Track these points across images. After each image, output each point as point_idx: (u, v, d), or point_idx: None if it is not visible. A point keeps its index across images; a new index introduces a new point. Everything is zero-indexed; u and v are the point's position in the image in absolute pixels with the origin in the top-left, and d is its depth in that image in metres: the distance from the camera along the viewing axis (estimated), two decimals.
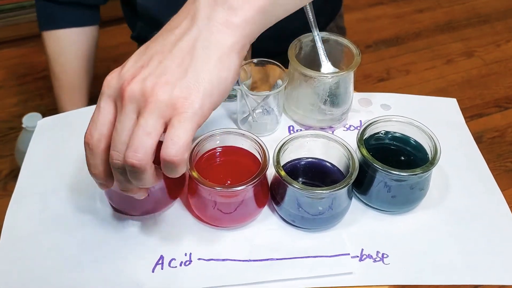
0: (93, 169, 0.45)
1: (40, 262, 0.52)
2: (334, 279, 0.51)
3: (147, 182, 0.42)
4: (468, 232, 0.56)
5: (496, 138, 1.55)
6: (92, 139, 0.43)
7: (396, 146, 0.58)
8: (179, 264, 0.51)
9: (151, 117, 0.40)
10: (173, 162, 0.40)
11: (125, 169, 0.41)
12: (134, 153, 0.40)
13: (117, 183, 0.44)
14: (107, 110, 0.43)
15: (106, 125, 0.43)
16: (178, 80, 0.40)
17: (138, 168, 0.40)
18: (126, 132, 0.41)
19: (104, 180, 0.45)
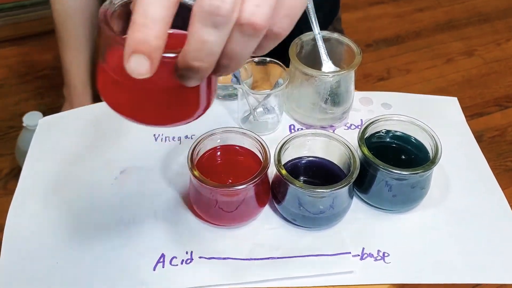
0: (208, 53, 0.30)
1: (42, 260, 0.52)
2: (335, 278, 0.51)
3: (249, 54, 0.32)
4: (468, 231, 0.56)
5: (496, 137, 1.54)
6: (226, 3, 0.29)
7: (397, 145, 0.58)
8: (180, 262, 0.51)
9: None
10: (257, 30, 0.30)
11: (224, 24, 0.29)
12: (257, 7, 0.29)
13: (198, 48, 0.30)
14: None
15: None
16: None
17: (256, 32, 0.30)
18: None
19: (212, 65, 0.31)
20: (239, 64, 0.32)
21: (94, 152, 0.63)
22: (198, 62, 0.30)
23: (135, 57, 0.29)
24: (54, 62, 1.75)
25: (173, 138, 0.65)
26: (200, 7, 0.28)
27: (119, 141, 0.64)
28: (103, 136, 0.65)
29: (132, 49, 0.29)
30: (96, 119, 0.67)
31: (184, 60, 0.30)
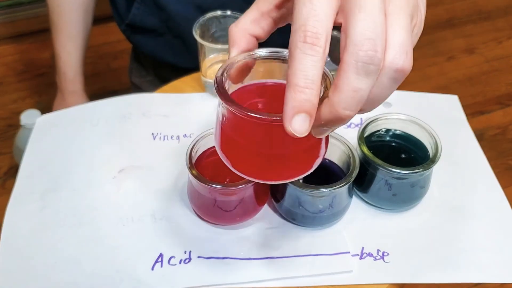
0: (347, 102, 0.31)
1: (40, 260, 0.52)
2: (334, 277, 0.50)
3: (386, 96, 0.33)
4: (468, 230, 0.55)
5: (497, 135, 1.54)
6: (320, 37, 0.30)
7: (397, 144, 0.58)
8: (179, 262, 0.51)
9: (409, 12, 0.32)
10: (405, 73, 0.32)
11: (375, 72, 0.30)
12: (406, 54, 0.31)
13: (351, 96, 0.30)
14: (329, 3, 0.31)
15: (334, 17, 0.31)
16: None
17: (404, 74, 0.32)
18: (383, 20, 0.30)
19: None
20: (374, 108, 0.33)
21: (92, 151, 0.63)
22: (348, 111, 0.30)
23: (299, 117, 0.30)
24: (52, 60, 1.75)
25: (171, 137, 0.64)
26: (354, 55, 0.29)
27: (118, 140, 0.64)
28: (101, 134, 0.65)
29: (296, 110, 0.30)
30: (95, 117, 0.67)
31: (333, 110, 0.30)
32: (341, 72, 0.30)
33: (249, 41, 0.37)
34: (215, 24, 0.69)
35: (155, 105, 0.68)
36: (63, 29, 0.91)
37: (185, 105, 0.68)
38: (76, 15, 0.91)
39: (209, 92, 0.70)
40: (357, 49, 0.30)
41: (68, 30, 0.91)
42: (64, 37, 0.92)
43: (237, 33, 0.37)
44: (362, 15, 0.30)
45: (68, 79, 0.93)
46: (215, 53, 0.69)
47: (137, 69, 0.98)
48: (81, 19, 0.92)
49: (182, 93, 0.70)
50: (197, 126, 0.65)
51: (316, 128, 0.32)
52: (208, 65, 0.70)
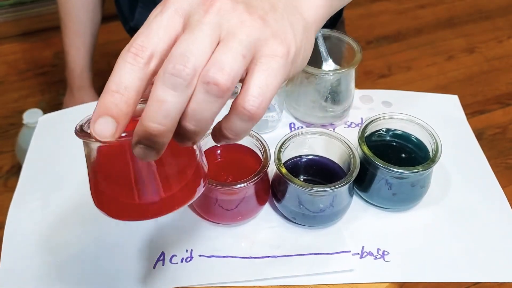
0: (164, 116, 0.30)
1: (42, 258, 0.52)
2: (334, 276, 0.51)
3: (212, 116, 0.32)
4: (468, 229, 0.56)
5: (497, 134, 1.54)
6: (187, 65, 0.30)
7: (397, 143, 0.58)
8: (180, 261, 0.51)
9: (247, 41, 0.32)
10: (253, 117, 0.32)
11: (185, 86, 0.30)
12: (221, 70, 0.30)
13: (156, 107, 0.30)
14: (171, 24, 0.32)
15: (169, 40, 0.32)
16: (275, 23, 0.34)
17: (220, 90, 0.30)
18: (207, 43, 0.31)
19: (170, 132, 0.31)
20: (202, 127, 0.31)
21: None
22: (155, 124, 0.30)
23: (103, 119, 0.29)
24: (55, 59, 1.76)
25: None
26: (163, 68, 0.30)
27: None
28: None
29: (101, 111, 0.30)
30: None
31: (141, 123, 0.30)
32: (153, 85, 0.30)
33: None
34: None
35: None
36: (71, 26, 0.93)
37: None
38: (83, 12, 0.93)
39: None
40: (167, 62, 0.30)
41: (75, 27, 0.93)
42: (72, 34, 0.93)
43: None
44: (186, 36, 0.31)
45: (76, 75, 0.95)
46: None
47: None
48: (89, 16, 0.94)
49: None
50: None
51: (135, 147, 0.31)
52: None
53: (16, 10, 1.82)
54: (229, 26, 0.32)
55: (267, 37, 0.33)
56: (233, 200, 0.52)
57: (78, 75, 0.95)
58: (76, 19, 0.93)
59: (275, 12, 0.35)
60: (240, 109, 0.31)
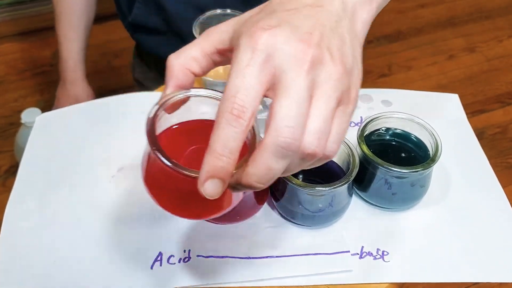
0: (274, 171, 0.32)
1: (40, 258, 0.52)
2: (333, 277, 0.50)
3: (297, 170, 0.35)
4: (468, 229, 0.55)
5: (497, 134, 1.54)
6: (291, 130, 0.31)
7: (397, 143, 0.58)
8: (178, 261, 0.51)
9: (335, 97, 0.33)
10: (329, 158, 0.34)
11: (291, 156, 0.32)
12: (319, 140, 0.32)
13: (263, 173, 0.33)
14: (265, 76, 0.32)
15: (262, 95, 0.33)
16: (348, 64, 0.34)
17: (315, 157, 0.33)
18: (306, 107, 0.32)
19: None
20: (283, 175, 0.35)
21: (91, 150, 0.63)
22: (259, 184, 0.33)
23: (212, 182, 0.32)
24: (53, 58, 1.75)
25: None
26: (274, 139, 0.31)
27: (117, 139, 0.64)
28: (100, 133, 0.65)
29: (210, 175, 0.32)
30: (94, 116, 0.67)
31: (246, 180, 0.33)
32: (260, 150, 0.32)
33: (187, 76, 0.38)
34: (215, 22, 0.69)
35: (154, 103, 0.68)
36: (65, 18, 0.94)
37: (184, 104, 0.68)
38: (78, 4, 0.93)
39: None
40: (277, 134, 0.31)
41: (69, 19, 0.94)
42: (66, 26, 0.94)
43: (176, 66, 0.37)
44: (287, 102, 0.31)
45: (69, 67, 0.95)
46: None
47: (140, 66, 0.98)
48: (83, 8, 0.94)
49: None
50: None
51: (231, 187, 0.34)
52: None
53: (15, 10, 1.82)
54: (319, 82, 0.33)
55: (348, 87, 0.34)
56: None
57: (71, 67, 0.95)
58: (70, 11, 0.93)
59: (346, 47, 0.35)
60: (322, 156, 0.33)
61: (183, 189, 0.38)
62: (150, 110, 0.38)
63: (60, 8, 0.94)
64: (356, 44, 0.37)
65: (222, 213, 0.41)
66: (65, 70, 0.95)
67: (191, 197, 0.38)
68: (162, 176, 0.39)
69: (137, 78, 1.00)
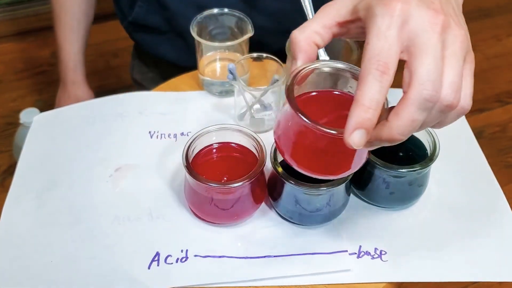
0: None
1: (37, 258, 0.52)
2: (331, 276, 0.50)
3: (433, 123, 0.40)
4: (466, 228, 0.55)
5: (497, 133, 1.54)
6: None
7: None
8: (175, 261, 0.51)
9: (462, 57, 0.38)
10: (467, 112, 0.40)
11: (432, 108, 0.37)
12: (456, 92, 0.37)
13: (408, 125, 0.37)
14: (401, 38, 0.37)
15: (399, 54, 0.37)
16: (464, 29, 0.39)
17: (452, 108, 0.38)
18: (442, 65, 0.37)
19: None
20: (421, 130, 0.39)
21: (89, 149, 0.62)
22: (402, 136, 0.37)
23: (359, 132, 0.35)
24: (52, 58, 1.75)
25: (168, 135, 0.64)
26: (418, 93, 0.35)
27: (114, 138, 0.64)
28: (98, 133, 0.64)
29: (357, 125, 0.35)
30: (92, 116, 0.67)
31: (390, 133, 0.36)
32: (404, 103, 0.36)
33: (312, 49, 0.42)
34: (213, 21, 0.69)
35: (152, 103, 0.68)
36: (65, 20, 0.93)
37: (182, 103, 0.68)
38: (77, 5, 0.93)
39: (206, 90, 0.70)
40: (421, 88, 0.35)
41: (69, 21, 0.94)
42: (66, 28, 0.93)
43: (302, 41, 0.41)
44: (427, 60, 0.36)
45: (69, 69, 0.95)
46: (212, 51, 0.69)
47: (139, 66, 0.98)
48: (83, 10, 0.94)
49: (179, 91, 0.70)
50: (194, 124, 0.65)
51: (369, 142, 0.37)
52: (205, 63, 0.70)
53: (13, 9, 1.81)
54: (448, 42, 0.37)
55: (469, 47, 0.39)
56: (229, 199, 0.52)
57: (71, 69, 0.95)
58: (70, 13, 0.93)
59: (456, 13, 0.40)
60: (459, 108, 0.38)
61: (321, 148, 0.41)
62: (287, 80, 0.42)
63: (59, 10, 0.94)
64: (460, 12, 0.42)
65: (355, 168, 0.44)
66: (65, 71, 0.95)
67: (326, 155, 0.42)
68: (300, 137, 0.42)
69: (136, 78, 0.99)
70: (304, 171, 0.44)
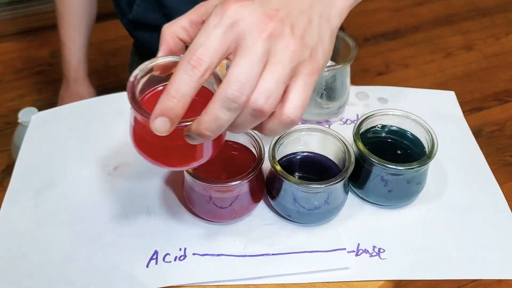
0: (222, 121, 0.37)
1: (35, 257, 0.52)
2: (330, 274, 0.50)
3: (247, 129, 0.40)
4: (465, 226, 0.55)
5: (495, 132, 1.54)
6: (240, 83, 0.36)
7: (393, 140, 0.58)
8: (174, 259, 0.51)
9: (289, 66, 0.37)
10: (294, 123, 0.39)
11: (237, 109, 0.37)
12: (268, 98, 0.37)
13: (211, 122, 0.37)
14: (227, 39, 0.37)
15: (223, 55, 0.38)
16: (311, 41, 0.39)
17: (262, 116, 0.38)
18: (258, 69, 0.37)
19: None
20: (240, 132, 0.40)
21: (87, 148, 0.62)
22: (208, 132, 0.37)
23: (161, 119, 0.37)
24: (51, 57, 1.75)
25: None
26: (223, 91, 0.36)
27: (113, 137, 0.64)
28: (96, 132, 0.64)
29: (160, 113, 0.37)
30: (90, 114, 0.67)
31: (197, 127, 0.37)
32: (212, 100, 0.37)
33: (176, 43, 0.43)
34: None
35: None
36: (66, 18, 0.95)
37: None
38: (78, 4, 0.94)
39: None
40: (227, 87, 0.36)
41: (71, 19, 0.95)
42: (68, 26, 0.95)
43: (167, 34, 0.43)
44: (242, 61, 0.36)
45: (72, 66, 0.97)
46: None
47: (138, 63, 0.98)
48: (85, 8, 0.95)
49: None
50: None
51: (187, 136, 0.39)
52: None
53: (13, 9, 1.81)
54: (276, 50, 0.37)
55: (305, 59, 0.38)
56: (227, 197, 0.52)
57: (74, 66, 0.96)
58: (72, 11, 0.95)
59: (311, 27, 0.40)
60: (284, 117, 0.38)
61: (158, 139, 0.41)
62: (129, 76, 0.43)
63: (62, 9, 0.95)
64: (326, 27, 0.41)
65: (196, 163, 0.45)
66: (68, 69, 0.97)
67: (166, 147, 0.43)
68: (141, 130, 0.43)
69: None
70: (146, 159, 0.45)
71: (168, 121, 0.37)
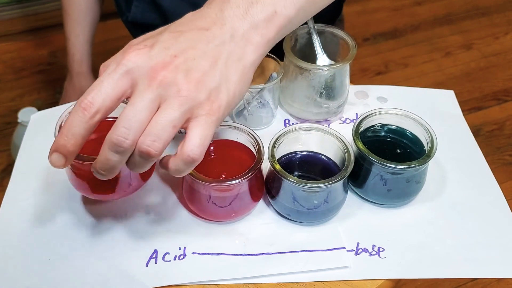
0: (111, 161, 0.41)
1: (34, 257, 0.52)
2: (329, 273, 0.50)
3: (144, 169, 0.43)
4: (465, 225, 0.55)
5: (494, 131, 1.54)
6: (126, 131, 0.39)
7: (392, 139, 0.58)
8: (173, 258, 0.51)
9: (180, 110, 0.40)
10: (195, 161, 0.41)
11: (125, 152, 0.40)
12: (153, 142, 0.39)
13: (103, 162, 0.41)
14: (120, 85, 0.40)
15: (115, 99, 0.40)
16: (211, 83, 0.41)
17: (151, 158, 0.40)
18: (145, 115, 0.39)
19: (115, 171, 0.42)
20: (140, 171, 0.43)
21: None
22: (101, 171, 0.41)
23: (55, 154, 0.41)
24: (51, 57, 1.75)
25: None
26: (109, 136, 0.39)
27: None
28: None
29: (54, 149, 0.41)
30: None
31: (94, 166, 0.42)
32: (104, 142, 0.40)
33: None
34: None
35: None
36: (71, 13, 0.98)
37: None
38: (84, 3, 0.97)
39: None
40: (113, 132, 0.39)
41: (76, 13, 0.98)
42: (73, 20, 0.98)
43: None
44: (130, 108, 0.39)
45: (76, 60, 0.99)
46: None
47: None
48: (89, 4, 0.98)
49: None
50: None
51: (93, 171, 0.42)
52: None
53: (12, 9, 1.81)
54: (167, 96, 0.40)
55: (201, 101, 0.41)
56: (227, 197, 0.52)
57: (77, 61, 0.99)
58: (77, 6, 0.97)
59: (214, 70, 0.42)
60: (185, 156, 0.40)
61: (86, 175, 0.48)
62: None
63: (67, 4, 0.98)
64: (235, 66, 0.43)
65: (118, 194, 0.52)
66: (72, 63, 0.99)
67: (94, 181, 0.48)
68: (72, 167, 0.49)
69: None
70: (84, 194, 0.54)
71: (62, 157, 0.41)
